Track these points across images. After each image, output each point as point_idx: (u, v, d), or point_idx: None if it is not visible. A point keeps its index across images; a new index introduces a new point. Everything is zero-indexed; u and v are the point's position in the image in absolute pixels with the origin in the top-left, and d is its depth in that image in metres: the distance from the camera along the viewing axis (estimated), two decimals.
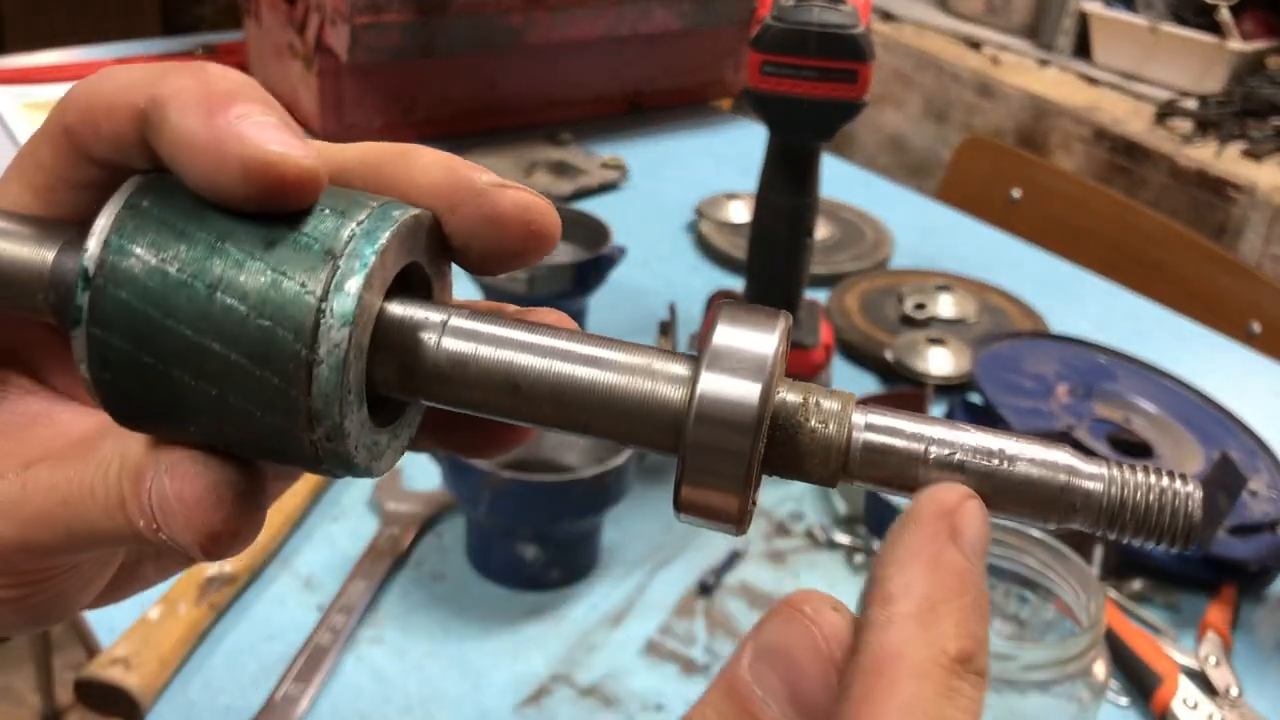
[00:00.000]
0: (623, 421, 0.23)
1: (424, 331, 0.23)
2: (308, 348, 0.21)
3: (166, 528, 0.23)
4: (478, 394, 0.23)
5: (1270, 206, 1.72)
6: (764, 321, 0.22)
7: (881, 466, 0.22)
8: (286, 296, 0.21)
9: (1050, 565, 0.53)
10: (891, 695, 0.20)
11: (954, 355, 0.91)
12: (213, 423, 0.22)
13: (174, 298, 0.21)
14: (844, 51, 0.69)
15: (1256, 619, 0.72)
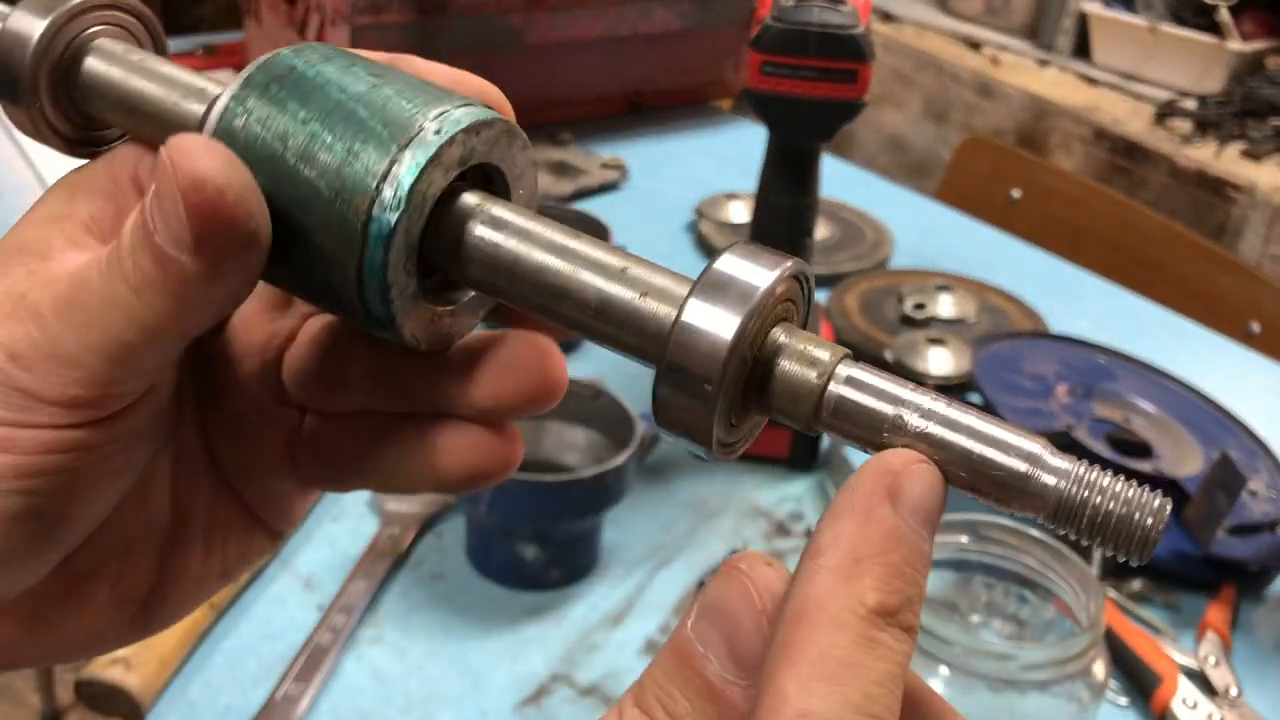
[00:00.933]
0: (620, 331, 0.24)
1: (469, 220, 0.25)
2: (362, 224, 0.24)
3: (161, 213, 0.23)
4: (501, 283, 0.25)
5: (1270, 206, 1.72)
6: (769, 260, 0.23)
7: (851, 421, 0.23)
8: (355, 176, 0.24)
9: (1050, 565, 0.53)
10: (808, 642, 0.21)
11: (954, 355, 0.91)
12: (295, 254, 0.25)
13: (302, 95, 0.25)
14: (844, 52, 0.69)
15: (1256, 619, 0.72)
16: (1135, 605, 0.70)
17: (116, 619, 0.29)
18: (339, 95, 0.25)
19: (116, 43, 0.27)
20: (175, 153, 0.23)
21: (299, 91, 0.25)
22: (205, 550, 0.31)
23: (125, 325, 0.24)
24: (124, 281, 0.24)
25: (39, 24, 0.26)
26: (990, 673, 0.48)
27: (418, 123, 0.24)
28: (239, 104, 0.25)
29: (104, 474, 0.26)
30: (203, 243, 0.23)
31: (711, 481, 0.79)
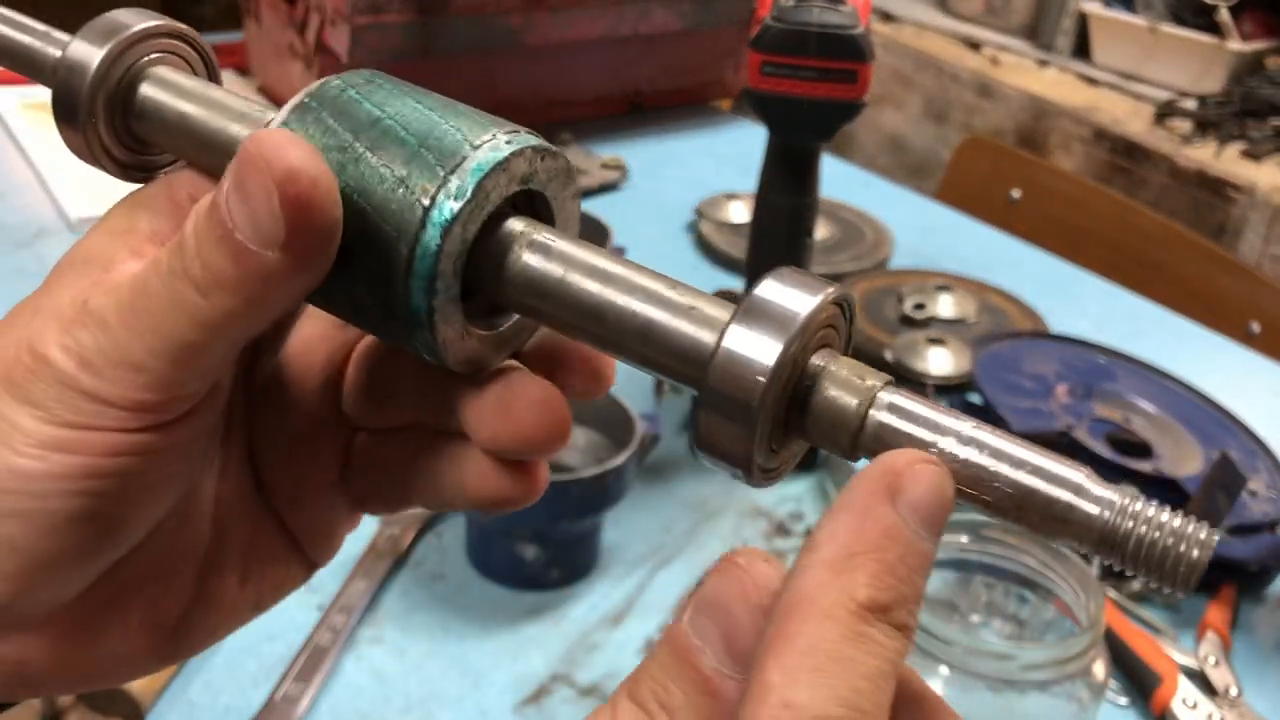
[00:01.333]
0: (661, 356, 0.25)
1: (516, 241, 0.26)
2: (424, 209, 0.24)
3: (245, 207, 0.24)
4: (544, 305, 0.26)
5: (1269, 206, 1.72)
6: (811, 286, 0.24)
7: (891, 448, 0.23)
8: (403, 202, 0.24)
9: (1050, 565, 0.53)
10: (797, 635, 0.21)
11: (954, 355, 0.91)
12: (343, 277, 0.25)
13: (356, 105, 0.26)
14: (844, 52, 0.69)
15: (1256, 619, 0.72)
16: (1135, 605, 0.70)
17: (145, 643, 0.29)
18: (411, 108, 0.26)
19: (171, 70, 0.28)
20: (265, 147, 0.23)
21: (357, 113, 0.26)
22: (242, 578, 0.31)
23: (188, 326, 0.25)
24: (188, 282, 0.24)
25: (97, 53, 0.27)
26: (990, 672, 0.48)
27: (491, 131, 0.25)
28: (298, 124, 0.26)
29: (161, 480, 0.27)
30: (295, 236, 0.24)
31: (711, 482, 0.79)
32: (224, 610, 0.31)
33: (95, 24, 0.27)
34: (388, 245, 0.24)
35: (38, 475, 0.25)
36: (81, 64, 0.27)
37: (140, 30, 0.28)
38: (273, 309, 0.25)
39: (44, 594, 0.26)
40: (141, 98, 0.28)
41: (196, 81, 0.28)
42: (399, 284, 0.25)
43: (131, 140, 0.29)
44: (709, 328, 0.24)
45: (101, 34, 0.27)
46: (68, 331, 0.25)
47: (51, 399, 0.25)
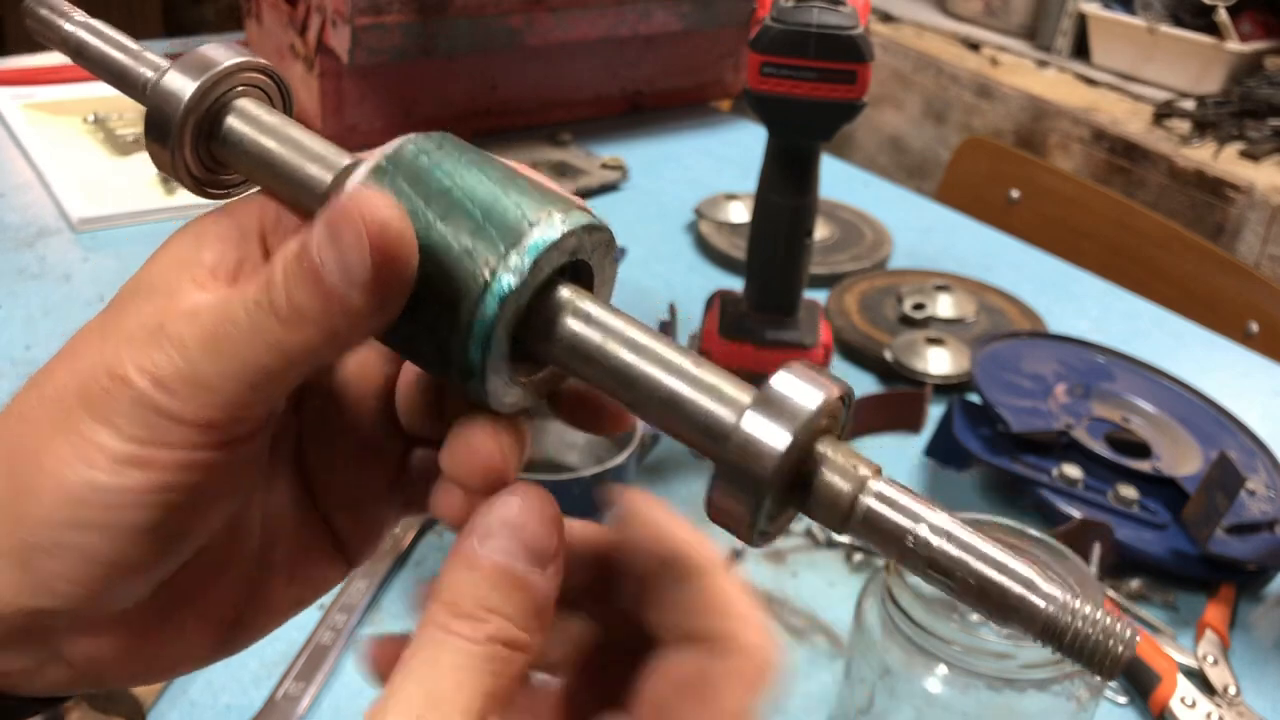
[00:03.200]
0: (682, 425, 0.28)
1: (563, 309, 0.28)
2: (485, 281, 0.27)
3: (336, 252, 0.26)
4: (582, 367, 0.29)
5: (1268, 207, 1.72)
6: (819, 383, 0.27)
7: (873, 533, 0.27)
8: (467, 271, 0.27)
9: (1050, 565, 0.53)
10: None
11: (953, 355, 0.92)
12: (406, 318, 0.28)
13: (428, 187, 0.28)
14: (843, 52, 0.69)
15: (1254, 618, 0.72)
16: (1134, 604, 0.70)
17: (204, 639, 0.31)
18: (477, 180, 0.28)
19: (254, 104, 0.31)
20: (362, 202, 0.26)
21: (429, 182, 0.28)
22: (289, 578, 0.33)
23: (268, 355, 0.27)
24: (273, 314, 0.26)
25: (190, 85, 0.30)
26: (989, 671, 0.48)
27: (548, 209, 0.28)
28: (375, 184, 0.28)
29: (223, 493, 0.29)
30: (378, 282, 0.26)
31: None
32: (272, 609, 0.33)
33: (190, 58, 0.31)
34: (450, 304, 0.27)
35: (114, 489, 0.27)
36: (175, 94, 0.30)
37: (230, 66, 0.31)
38: (347, 344, 0.28)
39: (115, 598, 0.28)
40: (226, 128, 0.31)
41: (277, 117, 0.31)
42: (457, 339, 0.28)
43: (211, 161, 0.32)
44: (729, 408, 0.27)
45: (196, 66, 0.30)
46: (144, 354, 0.27)
47: (128, 418, 0.27)
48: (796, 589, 0.71)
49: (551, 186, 0.29)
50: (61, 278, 0.96)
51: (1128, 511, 0.75)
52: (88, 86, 1.29)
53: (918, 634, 0.49)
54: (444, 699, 0.25)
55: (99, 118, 1.20)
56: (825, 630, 0.68)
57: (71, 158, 1.14)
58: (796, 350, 0.79)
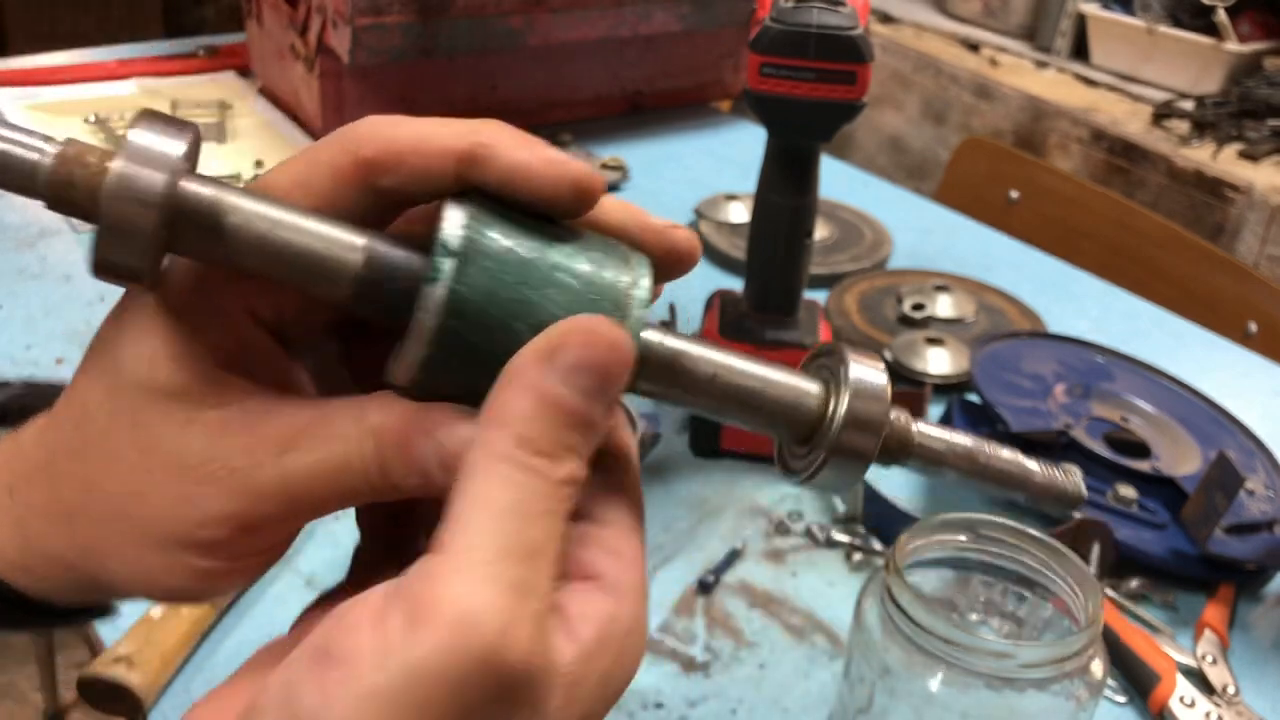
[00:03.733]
0: (774, 419, 0.32)
1: (651, 350, 0.31)
2: (622, 316, 0.29)
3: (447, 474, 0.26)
4: (677, 393, 0.31)
5: (1267, 207, 1.72)
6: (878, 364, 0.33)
7: (929, 452, 0.34)
8: (606, 281, 0.29)
9: (1048, 564, 0.53)
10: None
11: (952, 355, 0.92)
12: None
13: (524, 270, 0.28)
14: (843, 53, 0.69)
15: (1254, 618, 0.72)
16: (1133, 604, 0.71)
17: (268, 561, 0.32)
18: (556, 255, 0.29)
19: (242, 194, 0.28)
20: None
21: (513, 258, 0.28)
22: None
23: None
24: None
25: (157, 177, 0.26)
26: (988, 671, 0.48)
27: (633, 270, 0.30)
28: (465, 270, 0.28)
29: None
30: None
31: (711, 480, 0.79)
32: None
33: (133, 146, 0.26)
34: None
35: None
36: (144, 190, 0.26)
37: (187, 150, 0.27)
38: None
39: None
40: (230, 226, 0.27)
41: (274, 204, 0.28)
42: None
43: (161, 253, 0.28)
44: (820, 404, 0.32)
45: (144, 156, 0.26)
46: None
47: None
48: (796, 588, 0.71)
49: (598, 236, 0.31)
50: (62, 278, 0.96)
51: (1127, 511, 0.75)
52: (89, 87, 1.29)
53: (917, 633, 0.49)
54: (531, 546, 0.23)
55: (100, 118, 1.21)
56: (825, 630, 0.68)
57: None
58: (796, 350, 0.79)
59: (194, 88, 1.31)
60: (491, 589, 0.22)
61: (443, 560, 0.23)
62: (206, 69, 1.37)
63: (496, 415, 0.25)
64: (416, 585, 0.22)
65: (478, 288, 0.27)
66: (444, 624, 0.21)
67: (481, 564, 0.22)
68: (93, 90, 1.28)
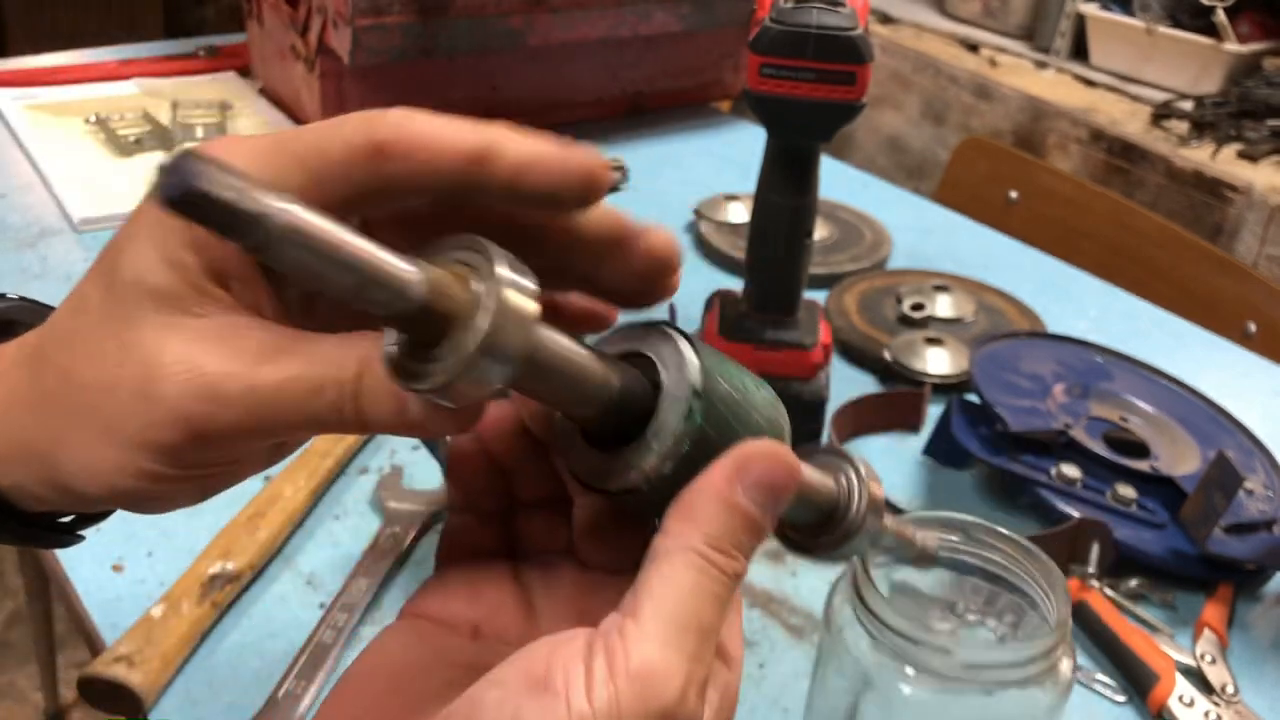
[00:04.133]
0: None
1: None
2: (782, 436, 0.34)
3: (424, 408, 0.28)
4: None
5: (1266, 207, 1.72)
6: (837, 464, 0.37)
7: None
8: (779, 411, 0.35)
9: (1017, 563, 0.53)
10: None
11: (952, 355, 0.92)
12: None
13: (735, 406, 0.33)
14: (842, 53, 0.70)
15: (1253, 617, 0.72)
16: (1132, 604, 0.71)
17: (264, 459, 0.34)
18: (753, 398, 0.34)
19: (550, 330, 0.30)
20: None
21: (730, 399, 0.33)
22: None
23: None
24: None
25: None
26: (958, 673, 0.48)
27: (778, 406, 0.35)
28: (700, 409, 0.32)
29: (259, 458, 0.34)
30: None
31: None
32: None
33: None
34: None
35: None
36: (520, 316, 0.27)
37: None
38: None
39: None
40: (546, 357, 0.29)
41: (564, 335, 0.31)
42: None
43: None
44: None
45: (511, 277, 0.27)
46: None
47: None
48: (796, 588, 0.71)
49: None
50: (63, 278, 0.97)
51: (1126, 511, 0.75)
52: (89, 88, 1.29)
53: (883, 633, 0.49)
54: (705, 625, 0.28)
55: (100, 119, 1.21)
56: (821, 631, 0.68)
57: (73, 158, 1.14)
58: (796, 350, 0.79)
59: (194, 88, 1.31)
60: (676, 656, 0.27)
61: (639, 627, 0.28)
62: (207, 69, 1.37)
63: (690, 514, 0.30)
64: (616, 641, 0.27)
65: (712, 423, 0.32)
66: (638, 678, 0.27)
67: (669, 635, 0.27)
68: (93, 90, 1.28)
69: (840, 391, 0.85)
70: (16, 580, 1.78)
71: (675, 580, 0.28)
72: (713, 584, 0.29)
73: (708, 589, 0.29)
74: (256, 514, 0.69)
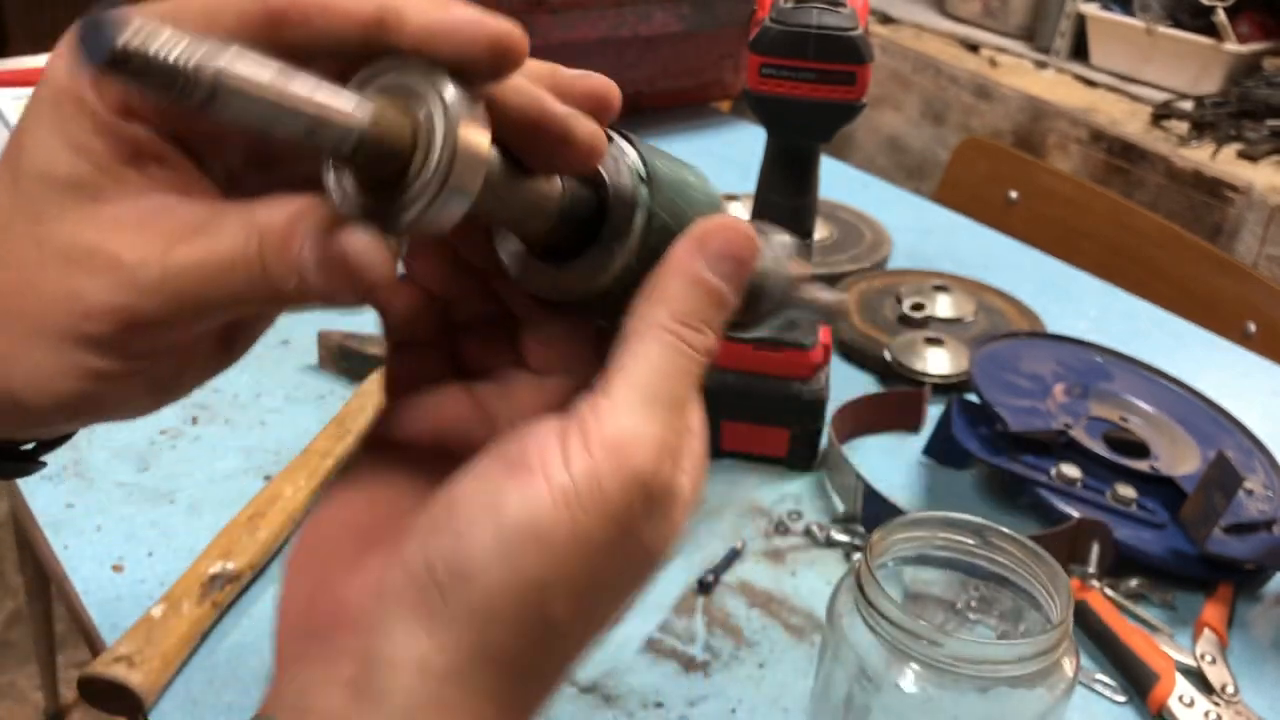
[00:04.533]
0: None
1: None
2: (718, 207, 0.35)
3: (320, 277, 0.27)
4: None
5: (1266, 207, 1.72)
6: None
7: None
8: (712, 191, 0.35)
9: (1021, 562, 0.53)
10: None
11: (951, 355, 0.92)
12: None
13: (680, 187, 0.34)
14: (842, 54, 0.70)
15: (1252, 617, 0.72)
16: (1132, 603, 0.71)
17: (215, 352, 0.33)
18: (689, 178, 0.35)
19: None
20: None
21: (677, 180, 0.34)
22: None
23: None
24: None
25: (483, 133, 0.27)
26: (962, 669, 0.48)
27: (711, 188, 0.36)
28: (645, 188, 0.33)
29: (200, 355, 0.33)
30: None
31: (711, 480, 0.79)
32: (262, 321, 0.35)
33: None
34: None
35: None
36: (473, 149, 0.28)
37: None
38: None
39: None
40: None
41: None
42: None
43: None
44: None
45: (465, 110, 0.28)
46: None
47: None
48: (796, 588, 0.71)
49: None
50: None
51: (1126, 511, 0.75)
52: None
53: (887, 629, 0.49)
54: (676, 397, 0.29)
55: None
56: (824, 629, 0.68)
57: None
58: (796, 350, 0.79)
59: None
60: (650, 426, 0.28)
61: (611, 402, 0.29)
62: None
63: (659, 294, 0.31)
64: (589, 417, 0.28)
65: (664, 208, 0.32)
66: (614, 447, 0.28)
67: (641, 406, 0.28)
68: None
69: (840, 391, 0.85)
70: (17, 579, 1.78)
71: (646, 355, 0.29)
72: (682, 358, 0.30)
73: (677, 363, 0.30)
74: (256, 514, 0.69)
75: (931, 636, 0.48)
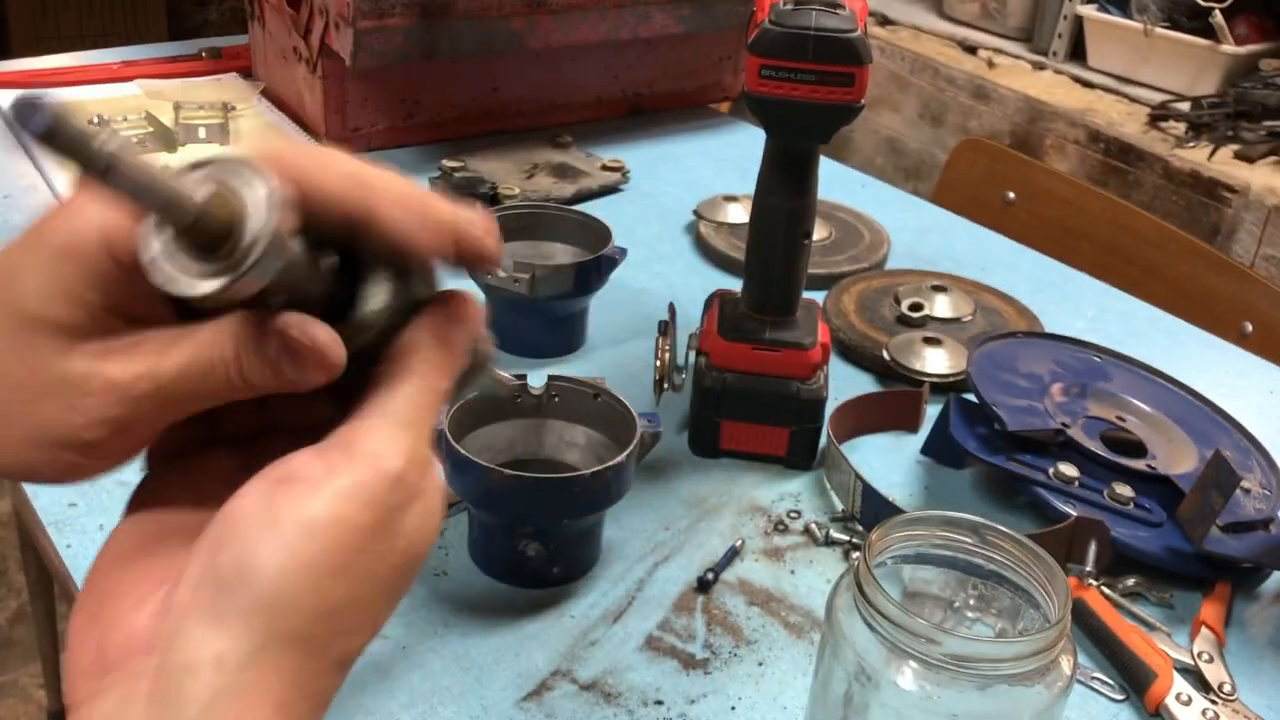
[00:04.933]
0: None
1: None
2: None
3: (293, 368, 0.32)
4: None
5: (1263, 208, 1.73)
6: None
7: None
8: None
9: (1019, 561, 0.53)
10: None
11: (950, 354, 0.92)
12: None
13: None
14: (841, 55, 0.70)
15: (1250, 616, 0.72)
16: (1130, 602, 0.71)
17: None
18: None
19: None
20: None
21: None
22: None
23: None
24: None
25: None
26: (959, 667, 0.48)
27: None
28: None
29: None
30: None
31: (710, 479, 0.79)
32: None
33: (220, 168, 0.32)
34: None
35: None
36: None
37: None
38: None
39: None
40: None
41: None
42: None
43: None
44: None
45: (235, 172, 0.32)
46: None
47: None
48: (795, 586, 0.71)
49: None
50: None
51: (1123, 510, 0.75)
52: (92, 89, 1.30)
53: (885, 627, 0.49)
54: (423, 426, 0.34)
55: (103, 120, 1.21)
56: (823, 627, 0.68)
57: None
58: (795, 350, 0.80)
59: (197, 89, 1.31)
60: (400, 440, 0.33)
61: (367, 425, 0.33)
62: (209, 71, 1.37)
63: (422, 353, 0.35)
64: (348, 437, 0.32)
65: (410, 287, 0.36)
66: (370, 457, 0.32)
67: (395, 427, 0.33)
68: (96, 92, 1.29)
69: (839, 391, 0.86)
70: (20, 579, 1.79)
71: (400, 392, 0.34)
72: (427, 396, 0.34)
73: (424, 400, 0.34)
74: None
75: (930, 634, 0.48)
